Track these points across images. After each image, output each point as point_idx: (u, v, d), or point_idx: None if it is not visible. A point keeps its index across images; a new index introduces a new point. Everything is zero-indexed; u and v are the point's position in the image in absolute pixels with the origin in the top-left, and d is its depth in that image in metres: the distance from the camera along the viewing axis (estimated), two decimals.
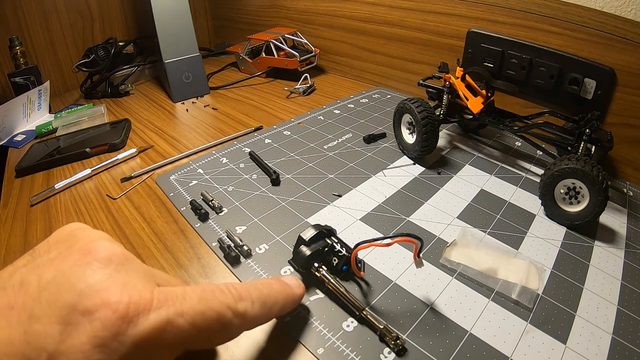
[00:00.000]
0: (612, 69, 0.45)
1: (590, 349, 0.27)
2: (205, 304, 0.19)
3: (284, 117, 0.64)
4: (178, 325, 0.17)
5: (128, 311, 0.16)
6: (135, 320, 0.16)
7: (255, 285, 0.23)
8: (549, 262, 0.34)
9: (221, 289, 0.21)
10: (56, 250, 0.19)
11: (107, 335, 0.15)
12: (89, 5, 0.84)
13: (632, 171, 0.47)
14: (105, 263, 0.18)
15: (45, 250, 0.19)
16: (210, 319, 0.19)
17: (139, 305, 0.17)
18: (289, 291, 0.25)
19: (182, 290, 0.19)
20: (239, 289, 0.21)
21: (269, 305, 0.23)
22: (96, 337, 0.15)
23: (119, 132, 0.58)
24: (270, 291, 0.23)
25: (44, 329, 0.15)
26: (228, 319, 0.20)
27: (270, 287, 0.24)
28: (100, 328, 0.15)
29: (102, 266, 0.18)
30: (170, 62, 0.71)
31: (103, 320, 0.16)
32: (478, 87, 0.49)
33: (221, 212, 0.40)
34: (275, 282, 0.25)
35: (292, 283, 0.26)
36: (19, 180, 0.49)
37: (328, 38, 0.83)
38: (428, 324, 0.28)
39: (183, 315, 0.18)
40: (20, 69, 0.69)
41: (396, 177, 0.46)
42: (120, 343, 0.16)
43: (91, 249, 0.19)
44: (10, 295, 0.16)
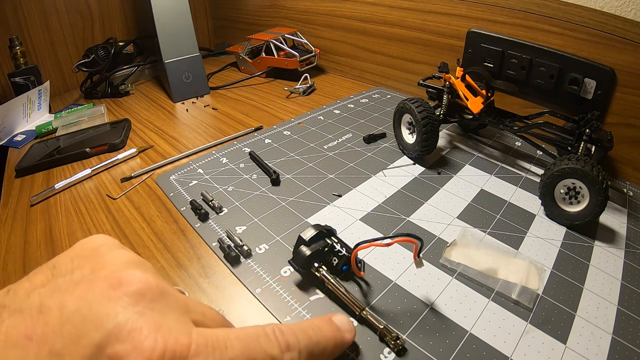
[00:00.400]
0: (612, 69, 0.45)
1: (590, 349, 0.27)
2: (248, 354, 0.17)
3: (284, 117, 0.64)
4: None
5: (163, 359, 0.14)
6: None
7: (305, 330, 0.21)
8: (549, 262, 0.34)
9: (267, 334, 0.19)
10: (80, 271, 0.17)
11: None
12: (89, 5, 0.84)
13: (632, 171, 0.47)
14: (137, 298, 0.16)
15: (67, 269, 0.17)
16: None
17: (175, 353, 0.15)
18: (339, 337, 0.23)
19: (223, 335, 0.17)
20: (287, 336, 0.19)
21: (316, 354, 0.21)
22: None
23: (119, 132, 0.58)
24: (320, 338, 0.21)
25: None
26: None
27: (320, 332, 0.22)
28: None
29: (133, 302, 0.16)
30: (170, 62, 0.71)
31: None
32: (478, 87, 0.49)
33: (221, 212, 0.40)
34: (326, 326, 0.23)
35: (344, 327, 0.24)
36: (19, 180, 0.49)
37: (328, 38, 0.83)
38: (428, 324, 0.28)
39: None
40: (20, 69, 0.69)
41: (396, 177, 0.46)
42: None
43: (122, 280, 0.17)
44: (28, 322, 0.15)
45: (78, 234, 0.38)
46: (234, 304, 0.31)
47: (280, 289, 0.31)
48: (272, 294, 0.31)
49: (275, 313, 0.29)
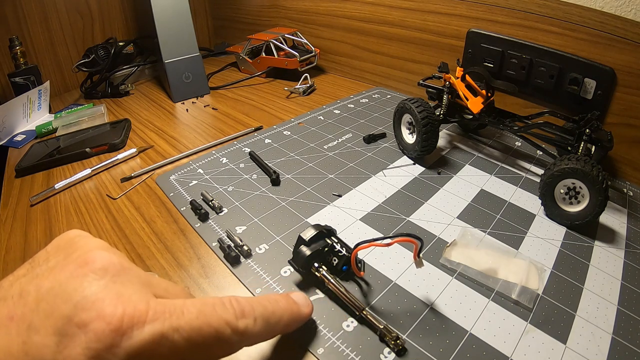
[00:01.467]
0: (612, 69, 0.45)
1: (590, 349, 0.27)
2: (203, 319, 0.18)
3: (284, 117, 0.64)
4: (173, 340, 0.17)
5: (122, 323, 0.16)
6: (129, 333, 0.16)
7: (261, 301, 0.22)
8: (549, 262, 0.34)
9: (223, 303, 0.20)
10: (55, 259, 0.19)
11: (100, 347, 0.15)
12: (89, 5, 0.84)
13: (632, 171, 0.47)
14: (101, 274, 0.18)
15: (44, 259, 0.19)
16: (207, 335, 0.18)
17: (133, 318, 0.16)
18: (295, 309, 0.24)
19: (180, 303, 0.19)
20: (242, 304, 0.21)
21: (272, 323, 0.22)
22: (90, 349, 0.15)
23: (119, 132, 0.58)
24: (276, 308, 0.23)
25: (41, 340, 0.15)
26: (226, 336, 0.19)
27: (276, 304, 0.23)
28: (94, 340, 0.15)
29: (97, 277, 0.18)
30: (170, 62, 0.71)
31: (97, 332, 0.16)
32: (478, 87, 0.49)
33: (221, 212, 0.40)
34: (282, 299, 0.24)
35: (301, 301, 0.26)
36: (19, 180, 0.49)
37: (328, 38, 0.83)
38: (428, 324, 0.28)
39: (179, 330, 0.17)
40: (20, 69, 0.69)
41: (396, 177, 0.46)
42: (114, 355, 0.16)
43: (88, 259, 0.18)
44: (10, 306, 0.16)
45: None
46: None
47: (281, 289, 0.31)
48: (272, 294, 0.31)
49: None
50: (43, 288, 0.17)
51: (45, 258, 0.19)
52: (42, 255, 0.19)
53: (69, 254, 0.19)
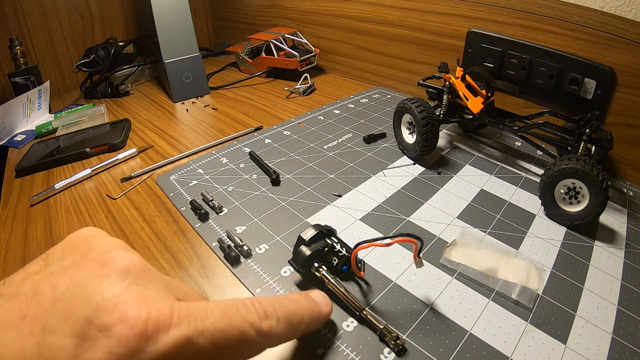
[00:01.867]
0: (612, 69, 0.45)
1: (590, 349, 0.27)
2: (227, 320, 0.18)
3: (284, 117, 0.64)
4: (198, 344, 0.16)
5: (147, 327, 0.15)
6: (154, 337, 0.15)
7: (282, 301, 0.22)
8: (549, 262, 0.34)
9: (246, 304, 0.20)
10: (71, 257, 0.18)
11: (124, 352, 0.15)
12: (89, 5, 0.84)
13: (632, 171, 0.47)
14: (123, 275, 0.17)
15: (58, 257, 0.18)
16: (232, 337, 0.18)
17: (158, 321, 0.16)
18: (315, 308, 0.24)
19: (204, 305, 0.18)
20: (264, 305, 0.20)
21: (294, 323, 0.22)
22: (113, 353, 0.15)
23: (119, 132, 0.58)
24: (297, 308, 0.22)
25: (58, 342, 0.15)
26: (251, 338, 0.19)
27: (297, 303, 0.23)
28: (117, 344, 0.15)
29: (119, 278, 0.17)
30: (170, 62, 0.71)
31: (120, 336, 0.15)
32: (478, 87, 0.49)
33: (221, 212, 0.40)
34: (302, 298, 0.24)
35: (320, 300, 0.25)
36: (19, 180, 0.49)
37: (328, 38, 0.83)
38: (428, 324, 0.28)
39: (204, 333, 0.17)
40: (20, 69, 0.69)
41: (396, 177, 0.46)
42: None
43: (108, 259, 0.18)
44: (23, 304, 0.16)
45: None
46: None
47: (281, 289, 0.31)
48: (272, 294, 0.31)
49: None
50: (59, 287, 0.16)
51: (60, 256, 0.18)
52: (56, 252, 0.19)
53: (86, 253, 0.18)
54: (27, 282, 0.17)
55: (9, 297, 0.16)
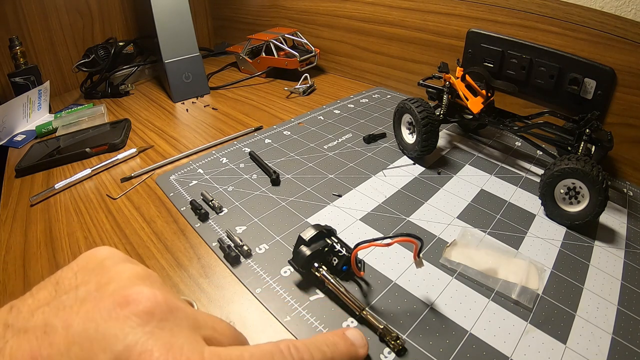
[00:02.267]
0: (612, 69, 0.45)
1: (590, 349, 0.27)
2: None
3: (284, 117, 0.64)
4: None
5: None
6: None
7: (320, 346, 0.20)
8: (549, 262, 0.34)
9: (282, 351, 0.18)
10: (84, 286, 0.17)
11: None
12: (89, 5, 0.84)
13: (632, 171, 0.47)
14: (147, 318, 0.16)
15: (70, 284, 0.17)
16: None
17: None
18: (353, 352, 0.23)
19: (237, 354, 0.17)
20: (301, 352, 0.19)
21: None
22: None
23: (119, 132, 0.58)
24: (335, 353, 0.21)
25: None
26: None
27: (335, 348, 0.21)
28: None
29: (142, 322, 0.15)
30: (170, 62, 0.71)
31: None
32: (478, 87, 0.49)
33: (221, 212, 0.40)
34: (341, 341, 0.22)
35: (358, 342, 0.24)
36: (19, 180, 0.49)
37: (328, 38, 0.83)
38: (428, 324, 0.28)
39: None
40: (20, 69, 0.69)
41: (396, 177, 0.46)
42: None
43: (129, 298, 0.16)
44: (33, 343, 0.14)
45: (78, 234, 0.38)
46: (234, 304, 0.31)
47: (280, 289, 0.31)
48: (272, 294, 0.31)
49: (275, 313, 0.29)
50: (74, 327, 0.15)
51: (74, 284, 0.17)
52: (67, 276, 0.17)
53: (103, 284, 0.17)
54: (37, 315, 0.15)
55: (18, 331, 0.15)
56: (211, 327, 0.18)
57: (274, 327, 0.29)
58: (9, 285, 0.33)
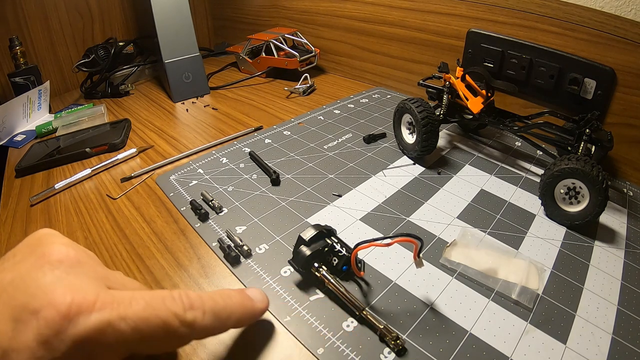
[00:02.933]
0: (612, 69, 0.45)
1: (590, 349, 0.27)
2: (151, 310, 0.19)
3: (284, 117, 0.64)
4: (119, 329, 0.18)
5: (70, 311, 0.17)
6: (76, 320, 0.17)
7: (212, 296, 0.23)
8: (549, 262, 0.34)
9: (173, 296, 0.21)
10: (21, 254, 0.20)
11: (49, 333, 0.16)
12: (89, 5, 0.84)
13: (632, 171, 0.47)
14: (57, 265, 0.19)
15: (12, 255, 0.20)
16: (154, 325, 0.19)
17: (81, 306, 0.17)
18: (248, 304, 0.25)
19: (130, 294, 0.19)
20: (191, 298, 0.21)
21: (222, 318, 0.22)
22: (41, 334, 0.16)
23: (119, 132, 0.58)
24: (228, 303, 0.23)
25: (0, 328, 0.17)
26: (174, 327, 0.20)
27: (229, 299, 0.23)
28: (44, 326, 0.16)
29: (52, 268, 0.19)
30: (170, 62, 0.71)
31: (47, 319, 0.17)
32: (478, 87, 0.49)
33: (221, 212, 0.40)
34: (235, 294, 0.24)
35: (256, 297, 0.26)
36: (19, 180, 0.49)
37: (328, 38, 0.83)
38: (428, 324, 0.28)
39: (125, 319, 0.18)
40: (20, 69, 0.69)
41: (396, 177, 0.46)
42: (61, 341, 0.17)
43: (46, 252, 0.20)
44: None
45: (78, 234, 0.38)
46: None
47: (280, 289, 0.31)
48: (272, 294, 0.31)
49: (275, 313, 0.29)
50: (5, 280, 0.18)
51: (13, 254, 0.21)
52: (11, 251, 0.21)
53: (34, 250, 0.20)
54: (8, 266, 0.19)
55: None
56: (120, 283, 0.22)
57: (274, 327, 0.29)
58: None
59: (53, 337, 0.16)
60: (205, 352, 0.27)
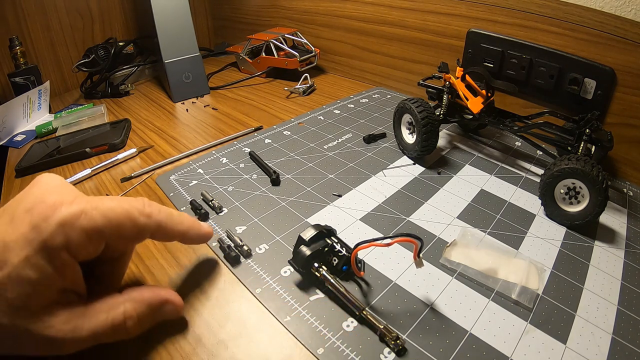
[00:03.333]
0: (612, 69, 0.45)
1: (590, 349, 0.27)
2: (117, 203, 0.25)
3: (284, 117, 0.64)
4: (92, 215, 0.23)
5: (55, 204, 0.22)
6: (59, 208, 0.22)
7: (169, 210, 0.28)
8: (549, 262, 0.34)
9: (136, 199, 0.26)
10: None
11: (39, 219, 0.22)
12: (89, 5, 0.84)
13: (632, 171, 0.47)
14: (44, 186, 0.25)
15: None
16: (119, 213, 0.24)
17: (63, 201, 0.23)
18: (196, 223, 0.30)
19: (102, 197, 0.25)
20: (152, 203, 0.27)
21: (174, 221, 0.28)
22: (32, 222, 0.22)
23: (119, 132, 0.58)
24: (180, 214, 0.29)
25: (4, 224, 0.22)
26: (135, 216, 0.25)
27: (180, 216, 0.29)
28: (36, 216, 0.22)
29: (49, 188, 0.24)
30: (170, 62, 0.71)
31: (38, 211, 0.22)
32: (478, 87, 0.49)
33: (221, 212, 0.40)
34: (188, 216, 0.30)
35: (204, 223, 0.31)
36: (19, 180, 0.49)
37: (328, 38, 0.83)
38: (428, 324, 0.28)
39: (97, 209, 0.23)
40: (20, 69, 0.69)
41: (396, 177, 0.46)
42: (48, 224, 0.22)
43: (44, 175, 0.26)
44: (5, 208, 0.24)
45: None
46: (234, 304, 0.31)
47: (280, 289, 0.31)
48: (272, 294, 0.31)
49: (275, 313, 0.29)
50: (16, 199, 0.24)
51: None
52: None
53: None
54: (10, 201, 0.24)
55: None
56: None
57: (274, 327, 0.29)
58: None
59: (42, 222, 0.22)
60: (205, 352, 0.27)
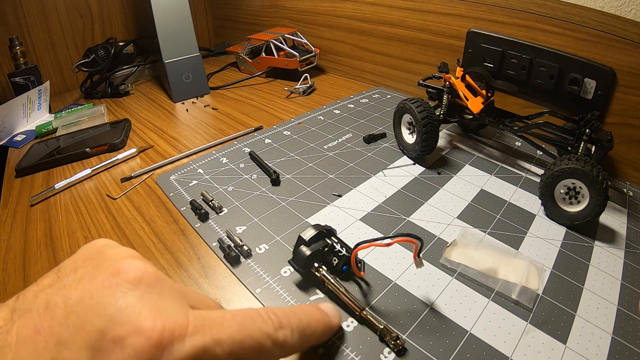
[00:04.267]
0: (612, 69, 0.45)
1: (590, 349, 0.27)
2: (244, 332, 0.18)
3: (284, 117, 0.64)
4: (215, 354, 0.16)
5: (162, 338, 0.15)
6: (170, 348, 0.15)
7: (296, 313, 0.22)
8: (549, 262, 0.34)
9: (262, 315, 0.20)
10: (83, 269, 0.18)
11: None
12: (89, 5, 0.84)
13: (632, 171, 0.47)
14: (136, 284, 0.17)
15: (71, 269, 0.18)
16: (249, 348, 0.18)
17: (173, 332, 0.16)
18: (327, 321, 0.25)
19: (220, 315, 0.18)
20: (279, 316, 0.21)
21: (307, 334, 0.22)
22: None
23: (119, 132, 0.58)
24: (310, 320, 0.23)
25: (72, 356, 0.15)
26: (267, 348, 0.19)
27: (311, 316, 0.23)
28: (132, 356, 0.15)
29: (132, 287, 0.17)
30: (170, 62, 0.71)
31: (136, 348, 0.15)
32: (478, 87, 0.49)
33: (221, 212, 0.40)
34: (315, 311, 0.24)
35: (331, 312, 0.26)
36: (19, 180, 0.49)
37: (328, 38, 0.83)
38: (428, 324, 0.28)
39: (221, 343, 0.17)
40: (20, 69, 0.69)
41: (396, 177, 0.46)
42: None
43: (120, 268, 0.17)
44: (36, 319, 0.15)
45: (78, 234, 0.38)
46: (234, 304, 0.31)
47: (280, 289, 0.31)
48: (272, 294, 0.31)
49: None
50: (72, 299, 0.16)
51: (73, 268, 0.18)
52: (69, 264, 0.18)
53: (99, 264, 0.18)
54: (40, 296, 0.16)
55: (23, 313, 0.16)
56: (198, 299, 0.20)
57: None
58: (9, 285, 0.33)
59: None
60: None
